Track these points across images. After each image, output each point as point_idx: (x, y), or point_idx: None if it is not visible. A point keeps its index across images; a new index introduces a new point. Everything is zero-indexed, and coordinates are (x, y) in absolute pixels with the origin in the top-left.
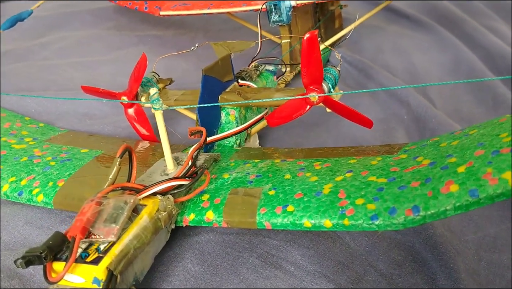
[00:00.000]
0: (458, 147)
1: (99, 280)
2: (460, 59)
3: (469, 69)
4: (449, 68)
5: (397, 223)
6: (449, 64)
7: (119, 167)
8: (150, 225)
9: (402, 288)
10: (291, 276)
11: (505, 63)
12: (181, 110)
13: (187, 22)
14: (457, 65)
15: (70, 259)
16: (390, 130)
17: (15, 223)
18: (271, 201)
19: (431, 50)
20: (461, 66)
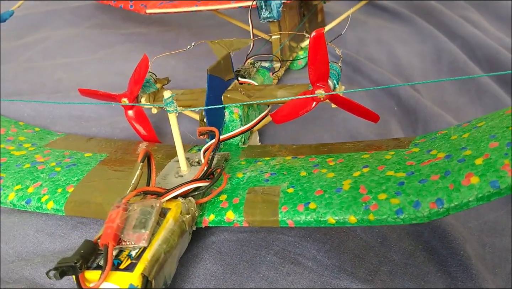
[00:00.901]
0: (471, 140)
1: (135, 287)
2: (441, 49)
3: (451, 59)
4: (431, 59)
5: (421, 216)
6: (431, 54)
7: (141, 171)
8: (176, 228)
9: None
10: (310, 271)
11: (484, 52)
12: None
13: (170, 19)
14: (439, 56)
15: (107, 267)
16: (384, 123)
17: (25, 232)
18: (292, 199)
19: (412, 42)
20: (442, 57)
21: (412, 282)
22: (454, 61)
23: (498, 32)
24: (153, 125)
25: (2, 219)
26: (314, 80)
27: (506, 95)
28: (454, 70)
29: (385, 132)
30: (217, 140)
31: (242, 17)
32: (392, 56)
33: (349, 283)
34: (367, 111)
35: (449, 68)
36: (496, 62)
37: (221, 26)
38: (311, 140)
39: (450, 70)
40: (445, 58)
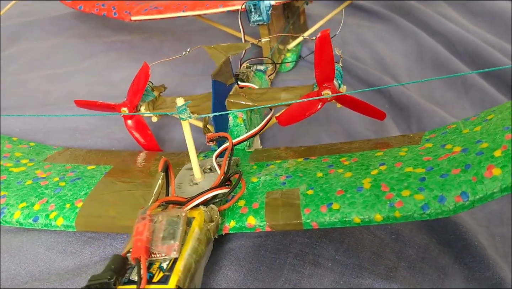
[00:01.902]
0: (484, 132)
1: None
2: (423, 46)
3: (433, 56)
4: (414, 56)
5: (447, 210)
6: (413, 52)
7: (163, 181)
8: (203, 237)
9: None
10: (331, 272)
11: (464, 47)
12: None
13: (152, 25)
14: (421, 53)
15: (142, 281)
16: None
17: (36, 251)
18: (313, 201)
19: (393, 40)
20: (425, 53)
21: (432, 275)
22: (437, 58)
23: (475, 28)
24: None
25: (10, 239)
26: (320, 81)
27: (492, 88)
28: (438, 66)
29: (381, 130)
30: (231, 145)
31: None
32: (375, 55)
33: (371, 281)
34: (374, 109)
35: (432, 64)
36: (478, 56)
37: (203, 30)
38: (310, 141)
39: (434, 66)
40: (428, 55)
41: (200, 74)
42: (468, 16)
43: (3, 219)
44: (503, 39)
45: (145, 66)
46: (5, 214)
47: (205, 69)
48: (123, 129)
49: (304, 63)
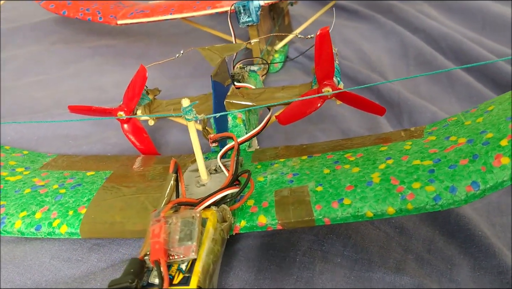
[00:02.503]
0: (487, 123)
1: None
2: (406, 43)
3: (417, 52)
4: (398, 53)
5: (459, 200)
6: (397, 49)
7: (175, 183)
8: (217, 237)
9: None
10: (341, 267)
11: (447, 43)
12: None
13: (136, 29)
14: (405, 50)
15: (164, 283)
16: (371, 117)
17: (40, 260)
18: (323, 197)
19: (376, 38)
20: (409, 50)
21: (440, 266)
22: (420, 54)
23: (455, 25)
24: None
25: (12, 249)
26: (321, 78)
27: (477, 82)
28: (422, 63)
29: (374, 127)
30: (237, 145)
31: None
32: (361, 54)
33: (382, 274)
34: (374, 105)
35: (416, 61)
36: (461, 52)
37: (188, 33)
38: (306, 140)
39: (418, 63)
40: (411, 51)
41: (189, 76)
42: (446, 14)
43: (4, 229)
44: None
45: (141, 69)
46: (5, 224)
47: (193, 71)
48: (117, 134)
49: (291, 63)
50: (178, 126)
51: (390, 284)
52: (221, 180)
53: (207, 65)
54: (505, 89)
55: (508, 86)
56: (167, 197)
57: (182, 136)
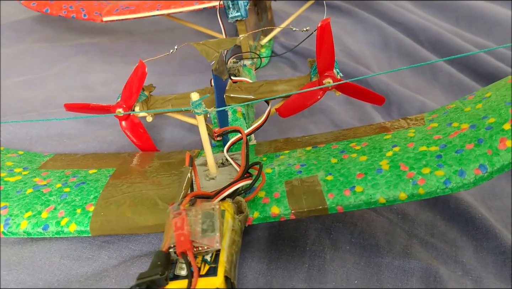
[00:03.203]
0: (487, 109)
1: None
2: (387, 36)
3: (398, 45)
4: (380, 46)
5: (468, 183)
6: (378, 42)
7: (191, 176)
8: (236, 228)
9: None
10: (351, 254)
11: (426, 35)
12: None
13: (116, 26)
14: (386, 42)
15: (194, 274)
16: (360, 108)
17: (50, 260)
18: (335, 186)
19: (358, 32)
20: (390, 43)
21: (444, 249)
22: (401, 46)
23: (431, 18)
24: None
25: (19, 250)
26: (322, 69)
27: (459, 73)
28: (404, 54)
29: (365, 118)
30: (245, 137)
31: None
32: (343, 47)
33: (390, 259)
34: (374, 95)
35: (398, 52)
36: (440, 43)
37: (171, 29)
38: (300, 133)
39: (400, 54)
40: (392, 43)
41: (176, 74)
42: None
43: (9, 230)
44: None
45: (141, 65)
46: (10, 225)
47: (180, 68)
48: (112, 132)
49: (277, 58)
50: (172, 123)
51: (399, 268)
52: (230, 172)
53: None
54: (485, 78)
55: (487, 75)
56: (184, 190)
57: (177, 133)
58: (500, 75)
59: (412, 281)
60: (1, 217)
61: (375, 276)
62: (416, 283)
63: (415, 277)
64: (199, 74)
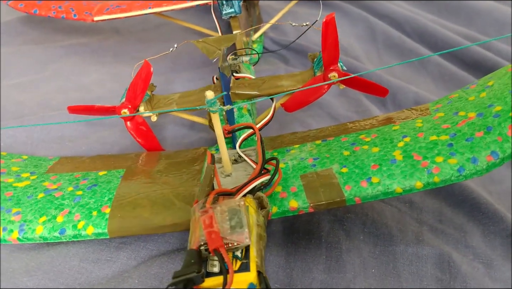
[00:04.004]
0: (492, 97)
1: (254, 285)
2: (373, 28)
3: (385, 36)
4: (367, 39)
5: (481, 170)
6: (366, 35)
7: (214, 173)
8: (261, 223)
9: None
10: (365, 244)
11: (412, 26)
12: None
13: (104, 26)
14: (373, 35)
15: (230, 270)
16: (356, 101)
17: (70, 264)
18: (351, 178)
19: (345, 25)
20: (377, 35)
21: (454, 235)
22: (388, 38)
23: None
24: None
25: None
26: (327, 63)
27: (447, 62)
28: (391, 46)
29: (361, 110)
30: (258, 133)
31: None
32: None
33: (404, 247)
34: (378, 87)
35: (385, 44)
36: (426, 34)
37: (159, 27)
38: (299, 127)
39: (388, 46)
40: (380, 36)
41: (170, 71)
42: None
43: (24, 236)
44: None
45: (146, 65)
46: (25, 231)
47: (173, 67)
48: (114, 132)
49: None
50: (173, 122)
51: (414, 255)
52: (245, 169)
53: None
54: (473, 67)
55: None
56: (208, 187)
57: (178, 131)
58: (487, 64)
59: (427, 267)
60: (15, 223)
61: (390, 264)
62: (431, 268)
63: (430, 263)
64: (193, 72)
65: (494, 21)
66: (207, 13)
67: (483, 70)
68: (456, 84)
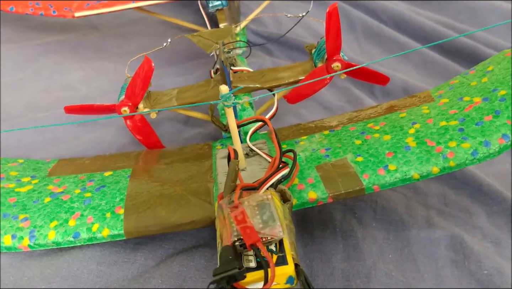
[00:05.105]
0: (495, 82)
1: (293, 278)
2: (351, 18)
3: (363, 26)
4: (346, 28)
5: (493, 152)
6: (344, 24)
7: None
8: (287, 216)
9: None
10: (379, 230)
11: (388, 15)
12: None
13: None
14: (352, 24)
15: (270, 264)
16: (346, 90)
17: (88, 268)
18: (367, 166)
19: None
20: (355, 25)
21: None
22: (367, 27)
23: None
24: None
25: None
26: (331, 53)
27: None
28: (370, 35)
29: (353, 99)
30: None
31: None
32: (312, 31)
33: (416, 231)
34: (379, 75)
35: (365, 34)
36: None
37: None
38: (294, 118)
39: (367, 35)
40: (358, 25)
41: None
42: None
43: (36, 242)
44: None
45: (147, 61)
46: (36, 237)
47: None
48: (109, 131)
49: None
50: (167, 117)
51: (427, 239)
52: (259, 162)
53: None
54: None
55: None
56: (233, 183)
57: (173, 127)
58: (465, 50)
59: (440, 250)
60: (24, 230)
61: (405, 249)
62: (445, 250)
63: (443, 245)
64: (178, 66)
65: (464, 6)
66: (184, 7)
67: (463, 56)
68: (438, 71)
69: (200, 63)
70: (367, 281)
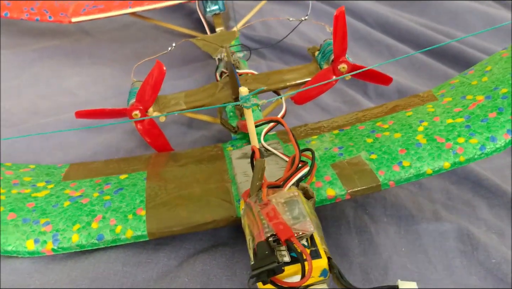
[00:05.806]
0: (495, 81)
1: (327, 271)
2: None
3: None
4: None
5: (500, 147)
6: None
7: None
8: (313, 211)
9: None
10: (390, 225)
11: (373, 18)
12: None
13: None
14: None
15: (307, 257)
16: (340, 91)
17: (114, 269)
18: (382, 163)
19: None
20: None
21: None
22: (354, 31)
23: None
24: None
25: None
26: (337, 55)
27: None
28: (358, 38)
29: (348, 100)
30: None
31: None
32: (300, 34)
33: (426, 224)
34: (383, 76)
35: (353, 37)
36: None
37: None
38: (293, 119)
39: (355, 39)
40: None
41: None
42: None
43: (59, 246)
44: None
45: (158, 65)
46: (60, 241)
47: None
48: (115, 135)
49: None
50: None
51: (436, 232)
52: (276, 162)
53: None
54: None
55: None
56: (260, 181)
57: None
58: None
59: (449, 242)
60: (47, 234)
61: (417, 242)
62: (454, 242)
63: (452, 237)
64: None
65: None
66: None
67: (449, 58)
68: (426, 72)
69: (196, 67)
70: (384, 273)
